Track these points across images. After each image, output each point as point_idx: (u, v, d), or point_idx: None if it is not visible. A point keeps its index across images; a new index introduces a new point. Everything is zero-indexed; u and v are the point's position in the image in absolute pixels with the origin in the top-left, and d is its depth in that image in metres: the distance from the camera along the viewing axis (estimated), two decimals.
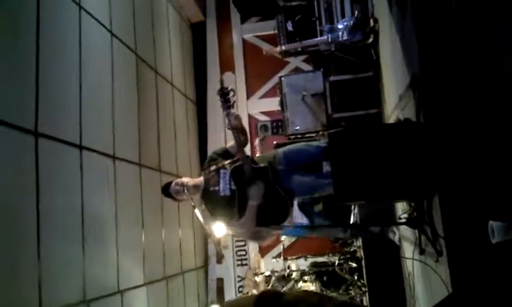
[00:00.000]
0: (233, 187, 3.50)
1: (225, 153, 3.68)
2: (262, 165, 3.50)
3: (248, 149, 4.78)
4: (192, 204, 3.45)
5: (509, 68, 2.30)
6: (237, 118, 3.42)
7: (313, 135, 5.33)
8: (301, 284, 4.99)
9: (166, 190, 3.73)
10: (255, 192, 3.41)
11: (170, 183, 3.71)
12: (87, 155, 3.82)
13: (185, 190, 3.55)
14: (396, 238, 4.28)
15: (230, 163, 3.58)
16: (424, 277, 3.32)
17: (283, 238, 5.14)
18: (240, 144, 3.45)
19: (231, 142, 3.61)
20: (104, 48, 4.41)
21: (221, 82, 3.35)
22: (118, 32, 4.63)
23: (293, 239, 5.91)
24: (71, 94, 3.74)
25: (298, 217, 4.26)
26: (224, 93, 3.28)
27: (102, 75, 4.30)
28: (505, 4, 2.30)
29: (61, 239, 3.39)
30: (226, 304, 3.45)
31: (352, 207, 4.44)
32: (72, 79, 3.77)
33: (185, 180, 3.69)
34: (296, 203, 4.16)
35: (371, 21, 4.79)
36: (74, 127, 3.72)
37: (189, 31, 7.42)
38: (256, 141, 5.91)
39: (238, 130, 3.42)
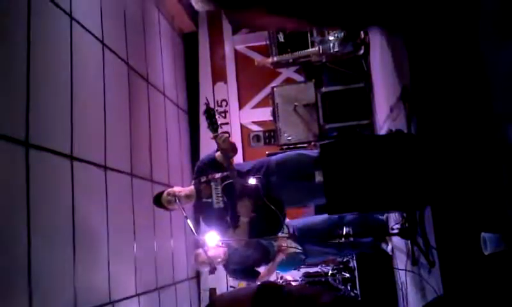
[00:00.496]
0: (226, 200, 3.50)
1: (213, 163, 3.67)
2: (253, 183, 3.49)
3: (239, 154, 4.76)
4: (184, 214, 3.44)
5: (498, 79, 2.32)
6: (225, 140, 3.38)
7: (305, 145, 5.35)
8: None
9: (158, 200, 3.72)
10: (244, 210, 3.42)
11: (162, 193, 3.71)
12: (78, 165, 3.79)
13: (177, 200, 3.54)
14: (389, 249, 4.29)
15: (220, 177, 3.57)
16: (416, 288, 3.32)
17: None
18: (230, 163, 3.44)
19: (219, 152, 3.60)
20: (96, 59, 4.39)
21: (207, 103, 3.29)
22: (110, 43, 4.62)
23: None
24: (62, 104, 3.72)
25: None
26: (210, 114, 3.24)
27: (93, 85, 4.29)
28: (495, 17, 2.33)
29: (52, 250, 3.36)
30: (219, 297, 3.32)
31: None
32: (63, 90, 3.75)
33: (176, 189, 3.68)
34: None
35: (362, 33, 4.83)
36: (65, 138, 3.70)
37: (180, 41, 7.43)
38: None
39: (227, 151, 3.41)
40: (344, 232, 3.98)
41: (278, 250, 4.13)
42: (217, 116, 3.23)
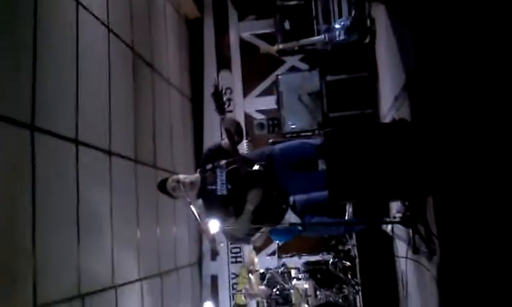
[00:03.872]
0: (230, 187, 3.52)
1: (219, 150, 3.68)
2: (257, 167, 3.50)
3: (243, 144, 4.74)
4: (188, 200, 3.46)
5: (503, 71, 2.32)
6: (231, 121, 3.40)
7: (309, 134, 5.35)
8: (294, 282, 5.01)
9: (163, 187, 3.73)
10: (253, 197, 3.42)
11: (166, 179, 3.72)
12: (83, 150, 3.81)
13: (181, 187, 3.55)
14: (388, 230, 4.27)
15: (225, 163, 3.59)
16: (417, 276, 3.34)
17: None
18: (235, 146, 3.44)
19: (225, 140, 3.61)
20: (101, 44, 4.40)
21: (215, 85, 3.30)
22: (115, 28, 4.62)
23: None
24: (68, 89, 3.73)
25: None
26: (218, 96, 3.26)
27: (98, 70, 4.30)
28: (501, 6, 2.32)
29: (56, 233, 3.39)
30: None
31: (347, 207, 4.44)
32: (69, 74, 3.77)
33: (181, 176, 3.69)
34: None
35: (368, 21, 4.81)
36: (71, 122, 3.71)
37: (186, 28, 7.40)
38: (244, 145, 5.89)
39: (232, 133, 3.42)
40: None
41: None
42: (225, 98, 3.24)
